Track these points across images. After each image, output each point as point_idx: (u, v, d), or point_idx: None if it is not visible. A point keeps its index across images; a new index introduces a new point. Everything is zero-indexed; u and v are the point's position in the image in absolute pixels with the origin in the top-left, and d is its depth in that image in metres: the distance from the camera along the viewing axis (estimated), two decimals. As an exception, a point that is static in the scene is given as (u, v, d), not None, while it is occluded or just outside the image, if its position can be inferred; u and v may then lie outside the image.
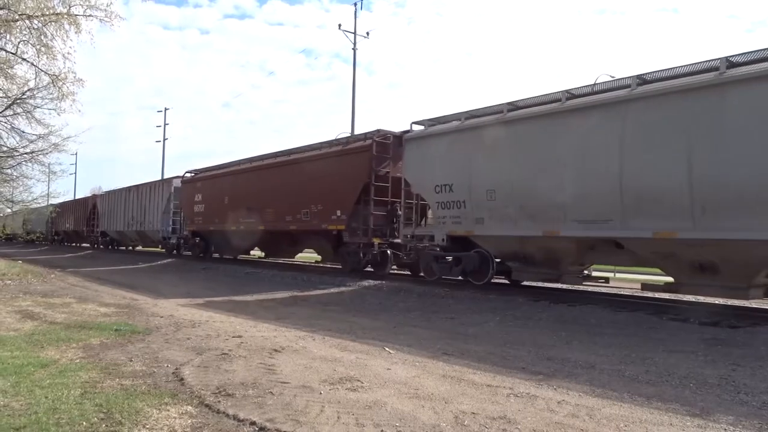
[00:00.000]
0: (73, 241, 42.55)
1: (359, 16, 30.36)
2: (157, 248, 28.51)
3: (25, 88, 15.25)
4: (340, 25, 29.64)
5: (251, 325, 7.69)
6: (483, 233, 11.10)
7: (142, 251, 31.54)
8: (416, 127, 12.97)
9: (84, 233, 37.71)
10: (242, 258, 23.66)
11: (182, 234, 24.72)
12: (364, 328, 7.63)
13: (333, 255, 16.76)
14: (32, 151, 17.51)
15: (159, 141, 50.26)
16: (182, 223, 24.50)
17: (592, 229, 9.24)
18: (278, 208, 16.92)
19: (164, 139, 49.81)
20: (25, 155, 17.62)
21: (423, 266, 13.15)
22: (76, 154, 55.09)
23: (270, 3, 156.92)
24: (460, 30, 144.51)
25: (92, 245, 37.23)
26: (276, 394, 4.20)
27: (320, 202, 15.20)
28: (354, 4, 30.32)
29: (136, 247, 32.90)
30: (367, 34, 30.53)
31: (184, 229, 24.25)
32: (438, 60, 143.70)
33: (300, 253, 22.29)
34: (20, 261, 21.37)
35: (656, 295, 10.16)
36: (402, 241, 13.72)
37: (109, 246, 34.42)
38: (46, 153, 17.80)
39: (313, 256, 21.57)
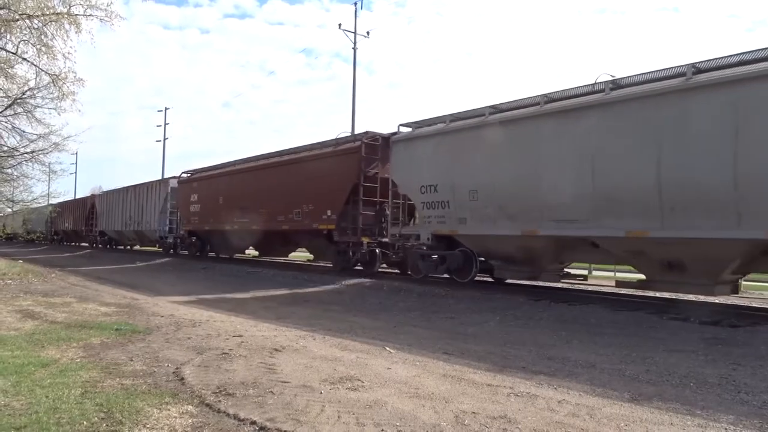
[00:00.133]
0: (72, 241, 42.60)
1: (359, 15, 30.33)
2: (155, 247, 28.70)
3: (26, 87, 15.30)
4: (340, 25, 29.63)
5: (252, 324, 7.69)
6: (466, 232, 11.38)
7: (139, 250, 31.62)
8: (403, 129, 13.20)
9: (83, 233, 37.81)
10: (240, 258, 23.79)
11: (179, 233, 24.95)
12: (364, 328, 7.64)
13: (324, 254, 17.07)
14: (33, 151, 17.54)
15: (159, 141, 50.32)
16: (179, 222, 24.76)
17: (568, 229, 9.51)
18: (271, 208, 17.16)
19: (164, 139, 49.88)
20: (25, 155, 17.65)
21: (410, 264, 13.54)
22: (77, 154, 55.30)
23: (270, 2, 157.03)
24: (460, 30, 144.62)
25: (91, 245, 37.36)
26: (276, 393, 4.20)
27: (311, 202, 15.49)
28: (354, 3, 30.25)
29: (134, 247, 32.99)
30: (367, 33, 30.53)
31: (181, 229, 24.49)
32: (438, 60, 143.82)
33: (293, 252, 22.56)
34: (21, 260, 21.36)
35: (657, 295, 10.19)
36: (390, 240, 14.05)
37: (108, 245, 34.52)
38: (47, 152, 17.84)
39: (306, 255, 21.79)
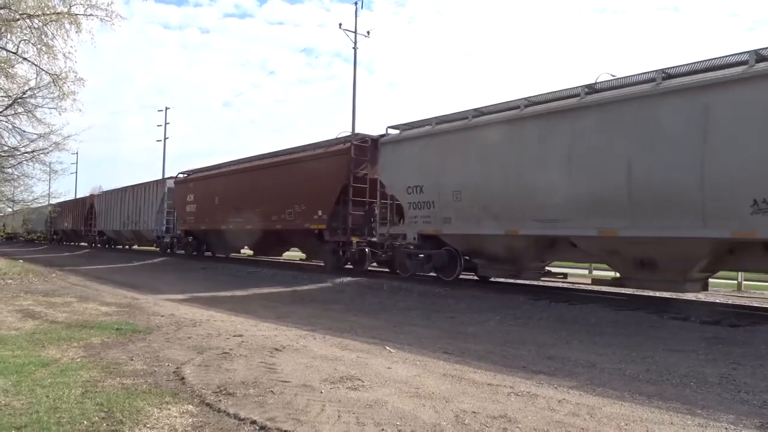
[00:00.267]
0: (71, 240, 42.68)
1: (360, 15, 30.34)
2: (152, 247, 28.90)
3: (26, 87, 15.30)
4: (340, 24, 29.56)
5: (252, 324, 7.69)
6: (450, 232, 11.64)
7: (137, 250, 31.74)
8: (392, 131, 13.46)
9: (82, 232, 37.91)
10: (239, 257, 23.89)
11: (175, 233, 25.18)
12: (364, 327, 7.64)
13: (316, 253, 17.38)
14: (33, 151, 17.54)
15: (160, 140, 50.11)
16: (175, 222, 24.98)
17: (547, 228, 9.78)
18: (265, 208, 17.40)
19: (165, 138, 49.68)
20: (26, 154, 17.64)
21: (397, 263, 13.92)
22: (77, 153, 55.06)
23: (270, 2, 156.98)
24: (461, 29, 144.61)
25: (90, 244, 37.51)
26: (277, 393, 4.20)
27: (303, 202, 15.78)
28: (354, 3, 30.22)
29: (132, 246, 33.10)
30: (367, 33, 30.45)
31: (178, 229, 24.73)
32: (438, 59, 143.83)
33: (287, 252, 22.79)
34: (21, 260, 21.38)
35: (657, 294, 10.20)
36: (378, 239, 14.33)
37: (106, 245, 34.64)
38: (47, 152, 17.85)
39: (299, 255, 21.97)
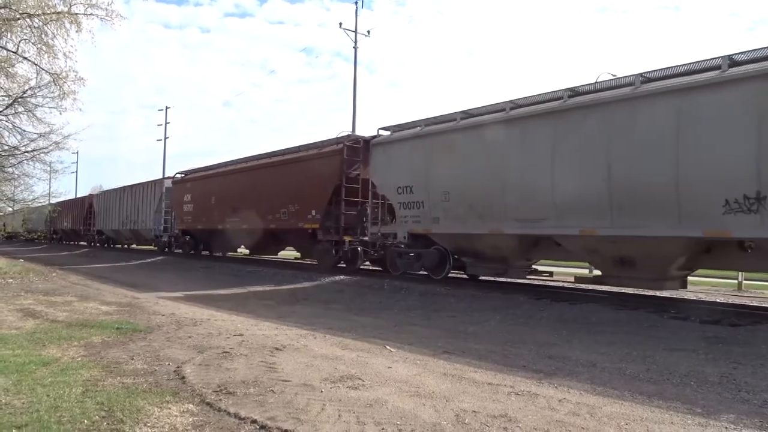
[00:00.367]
0: (70, 240, 42.72)
1: (360, 14, 30.45)
2: (151, 246, 29.02)
3: (26, 86, 15.28)
4: (340, 24, 29.53)
5: (252, 323, 7.69)
6: (439, 231, 11.85)
7: (136, 249, 31.82)
8: (383, 133, 13.59)
9: (81, 232, 37.94)
10: (235, 256, 24.02)
11: (173, 232, 25.32)
12: (365, 327, 7.64)
13: (310, 252, 17.57)
14: (33, 150, 17.50)
15: (160, 139, 50.05)
16: (173, 221, 25.11)
17: (529, 228, 10.01)
18: (260, 208, 17.54)
19: (165, 138, 49.63)
20: (26, 154, 17.61)
21: (389, 262, 14.15)
22: (77, 153, 55.23)
23: (270, 1, 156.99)
24: (461, 29, 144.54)
25: (89, 243, 37.58)
26: (277, 392, 4.20)
27: (297, 202, 15.96)
28: (355, 2, 30.08)
29: (131, 245, 33.17)
30: (367, 32, 30.41)
31: (175, 228, 24.86)
32: (438, 59, 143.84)
33: (282, 251, 22.97)
34: (21, 259, 21.40)
35: (657, 294, 10.19)
36: (370, 238, 14.51)
37: (105, 244, 34.70)
38: (47, 151, 17.80)
39: (294, 254, 22.10)
